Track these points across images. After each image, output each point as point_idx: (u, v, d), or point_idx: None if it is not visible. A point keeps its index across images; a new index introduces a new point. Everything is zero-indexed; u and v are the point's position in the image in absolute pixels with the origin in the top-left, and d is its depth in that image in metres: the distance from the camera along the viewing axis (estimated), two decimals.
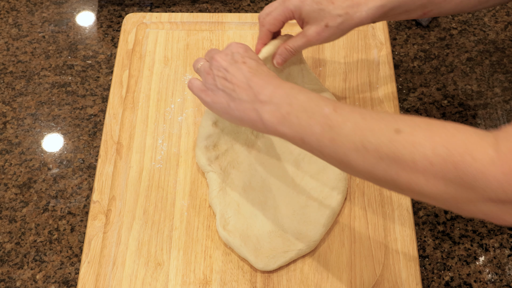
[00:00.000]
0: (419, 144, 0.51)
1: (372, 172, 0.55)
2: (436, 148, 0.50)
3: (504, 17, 1.03)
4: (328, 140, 0.57)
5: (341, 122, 0.57)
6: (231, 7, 1.04)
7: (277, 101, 0.62)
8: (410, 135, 0.52)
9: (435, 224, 0.82)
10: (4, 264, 0.79)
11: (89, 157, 0.88)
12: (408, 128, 0.53)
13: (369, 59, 0.93)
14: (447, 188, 0.50)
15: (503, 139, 0.49)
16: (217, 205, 0.77)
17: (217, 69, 0.68)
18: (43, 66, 0.97)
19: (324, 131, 0.58)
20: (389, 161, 0.53)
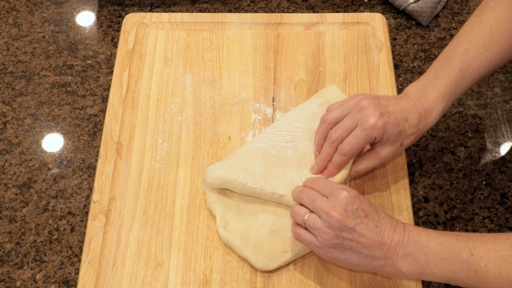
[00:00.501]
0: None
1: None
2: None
3: None
4: (476, 283, 0.62)
5: (483, 266, 0.61)
6: (231, 7, 1.04)
7: (411, 251, 0.64)
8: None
9: (435, 224, 0.82)
10: (4, 264, 0.79)
11: (89, 157, 0.88)
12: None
13: (369, 59, 0.93)
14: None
15: None
16: (216, 208, 0.76)
17: (339, 229, 0.64)
18: (43, 66, 0.97)
19: (470, 277, 0.62)
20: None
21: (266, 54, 0.93)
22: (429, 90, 0.73)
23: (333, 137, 0.72)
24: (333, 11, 1.04)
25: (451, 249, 0.63)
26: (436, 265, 0.63)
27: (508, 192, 0.84)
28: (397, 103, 0.72)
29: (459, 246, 0.62)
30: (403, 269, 0.64)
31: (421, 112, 0.72)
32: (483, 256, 0.61)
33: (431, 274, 0.64)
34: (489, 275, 0.60)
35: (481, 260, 0.61)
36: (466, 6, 1.04)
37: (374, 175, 0.82)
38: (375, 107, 0.70)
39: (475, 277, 0.61)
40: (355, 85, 0.90)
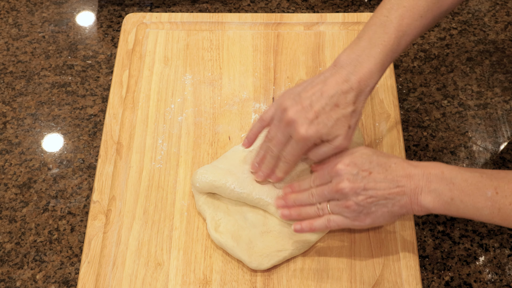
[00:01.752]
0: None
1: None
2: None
3: (504, 17, 1.03)
4: (499, 220, 0.63)
5: (508, 204, 0.61)
6: (231, 7, 1.04)
7: (434, 187, 0.65)
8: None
9: (435, 224, 0.82)
10: (4, 264, 0.79)
11: (89, 157, 0.88)
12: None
13: None
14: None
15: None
16: (205, 210, 0.77)
17: (355, 195, 0.67)
18: (43, 66, 0.97)
19: (493, 213, 0.62)
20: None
21: (266, 54, 0.93)
22: (364, 59, 0.69)
23: (273, 152, 0.73)
24: (333, 11, 1.04)
25: (476, 186, 0.63)
26: (461, 201, 0.64)
27: None
28: (322, 92, 0.68)
29: (484, 184, 0.63)
30: (429, 205, 0.65)
31: (355, 87, 0.68)
32: (508, 194, 0.61)
33: (455, 209, 0.64)
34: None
35: (506, 199, 0.61)
36: (466, 6, 1.04)
37: None
38: (301, 115, 0.68)
39: (499, 215, 0.62)
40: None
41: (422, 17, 0.70)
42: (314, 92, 0.69)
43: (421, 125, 0.91)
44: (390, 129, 0.86)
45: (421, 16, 0.70)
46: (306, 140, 0.69)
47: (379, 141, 0.85)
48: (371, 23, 0.71)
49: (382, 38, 0.69)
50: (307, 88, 0.70)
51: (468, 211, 0.64)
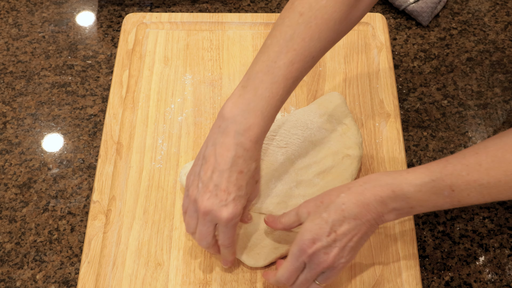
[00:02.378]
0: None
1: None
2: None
3: (504, 17, 1.03)
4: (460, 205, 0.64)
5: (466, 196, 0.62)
6: (231, 7, 1.04)
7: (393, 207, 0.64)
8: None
9: (435, 224, 0.82)
10: (4, 264, 0.79)
11: (89, 157, 0.88)
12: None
13: (369, 59, 0.93)
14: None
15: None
16: None
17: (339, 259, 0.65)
18: (43, 66, 0.97)
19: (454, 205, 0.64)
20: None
21: None
22: (250, 115, 0.64)
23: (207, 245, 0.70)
24: None
25: (431, 191, 0.63)
26: (421, 206, 0.64)
27: None
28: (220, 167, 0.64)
29: (438, 187, 0.63)
30: (391, 219, 0.65)
31: (247, 146, 0.64)
32: (464, 189, 0.62)
33: (418, 211, 0.65)
34: (472, 201, 0.63)
35: (463, 192, 0.62)
36: (466, 6, 1.04)
37: None
38: (214, 201, 0.65)
39: (460, 204, 0.64)
40: (355, 85, 0.90)
41: (314, 58, 0.66)
42: (212, 170, 0.65)
43: (421, 125, 0.91)
44: (390, 129, 0.86)
45: (313, 57, 0.66)
46: (233, 220, 0.66)
47: (379, 141, 0.85)
48: (257, 69, 0.65)
49: (269, 89, 0.64)
50: (204, 167, 0.66)
51: (429, 209, 0.65)
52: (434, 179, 0.63)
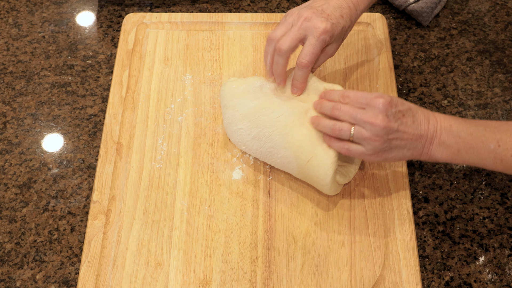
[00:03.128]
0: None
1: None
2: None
3: (504, 17, 1.03)
4: (502, 169, 0.70)
5: (509, 156, 0.68)
6: (231, 7, 1.04)
7: (443, 140, 0.71)
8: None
9: (435, 224, 0.82)
10: (4, 264, 0.79)
11: (89, 157, 0.88)
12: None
13: (369, 59, 0.93)
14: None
15: None
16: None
17: (387, 134, 0.70)
18: (43, 66, 0.97)
19: (496, 164, 0.69)
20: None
21: None
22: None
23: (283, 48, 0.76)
24: None
25: (480, 140, 0.69)
26: (467, 153, 0.70)
27: (508, 192, 0.84)
28: (329, 4, 0.77)
29: (487, 137, 0.69)
30: (437, 156, 0.71)
31: (350, 6, 0.77)
32: (509, 147, 0.68)
33: (461, 160, 0.71)
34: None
35: (508, 151, 0.68)
36: (466, 6, 1.04)
37: (374, 175, 0.82)
38: (317, 14, 0.75)
39: (501, 165, 0.69)
40: (355, 85, 0.90)
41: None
42: (321, 3, 0.77)
43: None
44: None
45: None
46: (325, 34, 0.74)
47: None
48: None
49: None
50: (314, 3, 0.78)
51: (473, 161, 0.71)
52: (486, 129, 0.69)
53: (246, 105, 0.79)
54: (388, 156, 0.72)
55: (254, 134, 0.78)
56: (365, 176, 0.82)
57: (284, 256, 0.76)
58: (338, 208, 0.79)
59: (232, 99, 0.80)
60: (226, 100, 0.81)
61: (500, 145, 0.68)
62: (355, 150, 0.72)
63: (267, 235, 0.77)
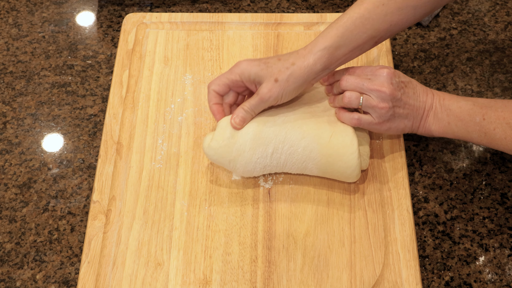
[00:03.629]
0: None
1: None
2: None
3: (504, 17, 1.03)
4: (486, 142, 0.74)
5: (492, 130, 0.72)
6: (231, 7, 1.04)
7: (437, 112, 0.76)
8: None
9: (435, 224, 0.82)
10: (4, 264, 0.79)
11: (89, 157, 0.88)
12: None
13: (369, 59, 0.93)
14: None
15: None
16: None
17: (392, 101, 0.75)
18: (43, 66, 0.97)
19: (480, 137, 0.74)
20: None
21: (266, 54, 0.93)
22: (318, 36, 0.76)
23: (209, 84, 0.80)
24: (333, 11, 1.04)
25: (468, 113, 0.74)
26: (456, 125, 0.75)
27: (508, 192, 0.84)
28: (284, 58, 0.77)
29: (474, 111, 0.74)
30: (432, 128, 0.77)
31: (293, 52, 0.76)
32: (493, 121, 0.72)
33: (451, 132, 0.76)
34: (496, 137, 0.72)
35: (491, 125, 0.72)
36: (466, 6, 1.04)
37: (374, 175, 0.82)
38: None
39: (485, 138, 0.74)
40: None
41: (383, 5, 0.75)
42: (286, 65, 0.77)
43: None
44: None
45: (383, 4, 0.75)
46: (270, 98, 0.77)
47: (380, 141, 0.85)
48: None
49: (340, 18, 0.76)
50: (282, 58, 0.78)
51: (461, 134, 0.76)
52: (475, 104, 0.74)
53: (246, 138, 0.76)
54: (392, 126, 0.77)
55: (271, 150, 0.77)
56: (365, 176, 0.82)
57: (284, 256, 0.76)
58: (338, 208, 0.79)
59: (232, 150, 0.77)
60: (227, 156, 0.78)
61: (485, 118, 0.72)
62: (364, 119, 0.76)
63: (267, 235, 0.77)
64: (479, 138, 0.74)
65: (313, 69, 0.74)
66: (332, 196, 0.80)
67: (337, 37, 0.74)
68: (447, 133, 0.77)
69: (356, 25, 0.75)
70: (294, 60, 0.74)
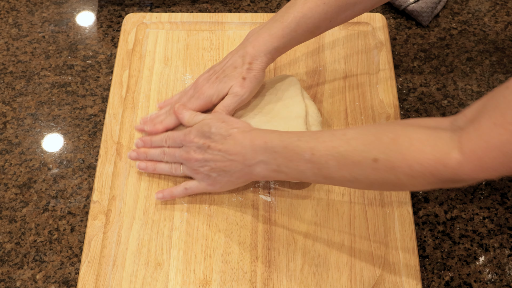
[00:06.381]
0: (398, 167, 0.61)
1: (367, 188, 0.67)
2: (412, 166, 0.59)
3: (504, 17, 1.03)
4: (322, 178, 0.67)
5: (325, 163, 0.65)
6: (231, 7, 1.04)
7: (261, 158, 0.70)
8: (388, 162, 0.61)
9: (435, 224, 0.82)
10: (4, 264, 0.79)
11: (89, 157, 0.88)
12: (383, 154, 0.61)
13: (369, 59, 0.93)
14: (432, 185, 0.61)
15: (466, 140, 0.57)
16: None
17: (200, 166, 0.75)
18: (43, 66, 0.97)
19: (315, 174, 0.67)
20: (379, 184, 0.64)
21: None
22: (263, 32, 0.79)
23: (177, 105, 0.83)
24: None
25: (295, 151, 0.68)
26: (286, 166, 0.69)
27: (508, 192, 0.84)
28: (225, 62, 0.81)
29: (301, 148, 0.67)
30: (260, 174, 0.72)
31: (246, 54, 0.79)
32: (323, 154, 0.65)
33: (284, 174, 0.70)
34: (331, 171, 0.65)
35: (322, 158, 0.66)
36: (466, 6, 1.04)
37: None
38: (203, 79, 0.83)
39: (321, 174, 0.67)
40: (355, 85, 0.90)
41: (324, 4, 0.77)
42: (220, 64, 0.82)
43: None
44: None
45: (324, 2, 0.77)
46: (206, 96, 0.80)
47: None
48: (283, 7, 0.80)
49: (282, 17, 0.78)
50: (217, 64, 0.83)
51: (295, 175, 0.69)
52: (300, 139, 0.68)
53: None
54: (222, 185, 0.76)
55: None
56: None
57: (284, 256, 0.76)
58: (338, 208, 0.79)
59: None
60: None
61: (314, 153, 0.66)
62: (193, 185, 0.78)
63: (267, 235, 0.77)
64: (314, 176, 0.68)
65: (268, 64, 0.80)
66: (332, 196, 0.80)
67: (283, 37, 0.78)
68: (279, 176, 0.71)
69: (299, 25, 0.78)
70: (249, 64, 0.79)
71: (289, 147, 0.68)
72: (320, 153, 0.66)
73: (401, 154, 0.60)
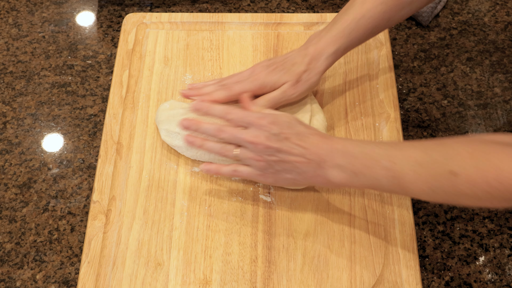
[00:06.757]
0: (476, 182, 0.60)
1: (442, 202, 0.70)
2: (490, 182, 0.59)
3: (504, 17, 1.03)
4: (398, 187, 0.66)
5: (403, 172, 0.64)
6: (231, 7, 1.04)
7: (338, 162, 0.68)
8: (466, 176, 0.61)
9: (435, 224, 0.82)
10: (4, 264, 0.79)
11: (89, 157, 0.88)
12: (461, 169, 0.61)
13: (369, 59, 0.93)
14: (508, 203, 0.61)
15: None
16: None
17: (267, 154, 0.70)
18: (43, 66, 0.97)
19: (390, 182, 0.66)
20: (456, 197, 0.63)
21: (266, 54, 0.93)
22: (324, 34, 0.79)
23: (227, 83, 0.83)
24: (333, 11, 1.04)
25: (374, 158, 0.66)
26: (363, 174, 0.67)
27: None
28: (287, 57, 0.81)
29: (380, 155, 0.66)
30: (334, 179, 0.69)
31: (307, 54, 0.79)
32: (403, 163, 0.65)
33: (357, 181, 0.68)
34: (407, 180, 0.64)
35: (400, 167, 0.65)
36: (466, 6, 1.04)
37: None
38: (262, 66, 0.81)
39: (397, 183, 0.65)
40: (355, 85, 0.90)
41: (382, 4, 0.77)
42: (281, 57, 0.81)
43: (421, 125, 0.91)
44: (390, 129, 0.86)
45: (381, 2, 0.77)
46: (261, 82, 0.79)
47: (380, 140, 0.85)
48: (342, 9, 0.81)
49: (342, 18, 0.79)
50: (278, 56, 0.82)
51: (370, 183, 0.67)
52: (379, 146, 0.67)
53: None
54: (278, 179, 0.72)
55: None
56: None
57: (284, 256, 0.76)
58: (338, 208, 0.79)
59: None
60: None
61: (393, 160, 0.65)
62: (244, 171, 0.74)
63: (267, 235, 0.77)
64: (389, 184, 0.66)
65: (325, 69, 0.80)
66: (332, 196, 0.80)
67: (344, 39, 0.78)
68: (353, 183, 0.69)
69: (359, 26, 0.78)
70: (308, 65, 0.78)
71: (368, 153, 0.67)
72: (398, 160, 0.65)
73: (479, 170, 0.60)
